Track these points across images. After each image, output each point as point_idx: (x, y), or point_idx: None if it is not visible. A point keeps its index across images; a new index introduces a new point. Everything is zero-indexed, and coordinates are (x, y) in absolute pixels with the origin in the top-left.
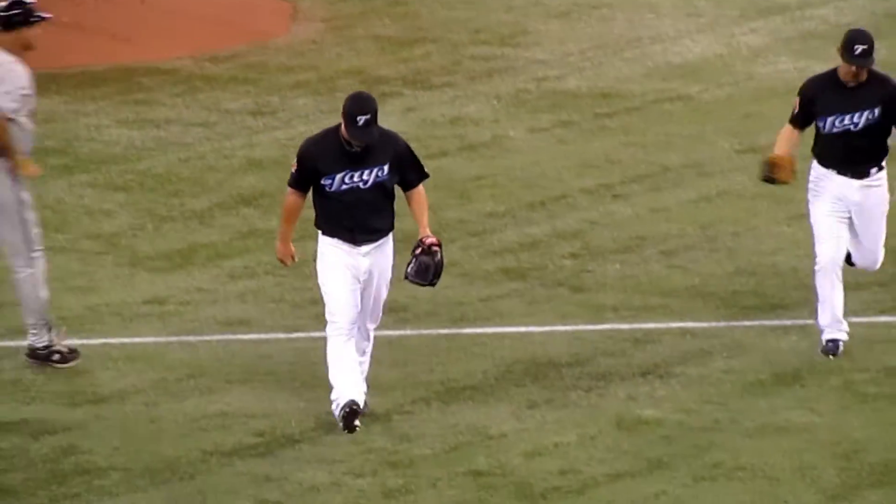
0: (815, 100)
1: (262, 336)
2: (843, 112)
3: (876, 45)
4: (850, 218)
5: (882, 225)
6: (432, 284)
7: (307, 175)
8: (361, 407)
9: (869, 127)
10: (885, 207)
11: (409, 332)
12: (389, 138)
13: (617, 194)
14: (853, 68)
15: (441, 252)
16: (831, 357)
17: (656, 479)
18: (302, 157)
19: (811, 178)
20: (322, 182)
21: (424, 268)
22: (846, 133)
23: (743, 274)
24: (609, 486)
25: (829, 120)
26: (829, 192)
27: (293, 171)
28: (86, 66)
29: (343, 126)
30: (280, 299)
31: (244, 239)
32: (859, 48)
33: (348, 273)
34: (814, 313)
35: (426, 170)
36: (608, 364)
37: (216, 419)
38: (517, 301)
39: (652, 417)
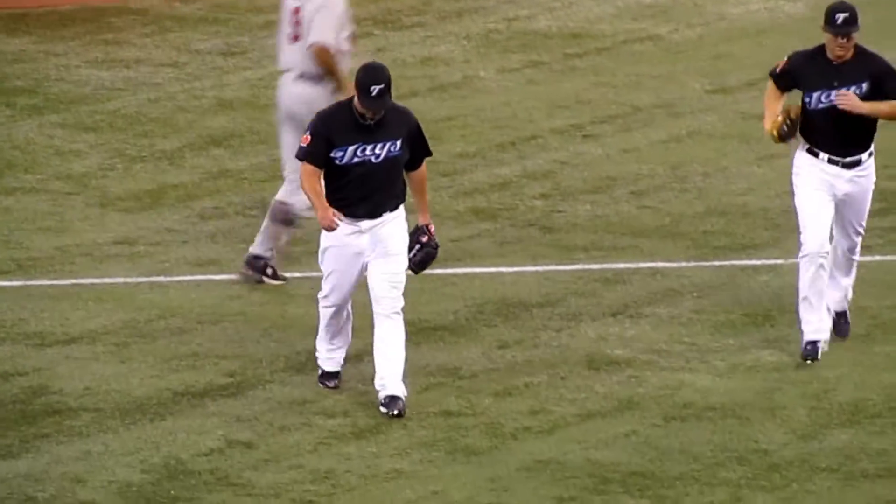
0: (801, 73)
1: (233, 276)
2: (829, 87)
3: (860, 14)
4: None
5: (866, 208)
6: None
7: (320, 148)
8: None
9: None
10: (871, 192)
11: None
12: (403, 114)
13: (587, 134)
14: (839, 39)
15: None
16: (809, 362)
17: (626, 419)
18: (315, 129)
19: (796, 162)
20: (332, 154)
21: (430, 259)
22: (832, 109)
23: (713, 214)
24: (579, 425)
25: (815, 95)
26: (815, 177)
27: (304, 144)
28: (55, 6)
29: (356, 97)
30: (251, 240)
31: (214, 179)
32: (840, 17)
33: (348, 251)
34: (795, 293)
35: (429, 148)
36: (578, 304)
37: (187, 360)
38: (488, 242)
39: (622, 357)
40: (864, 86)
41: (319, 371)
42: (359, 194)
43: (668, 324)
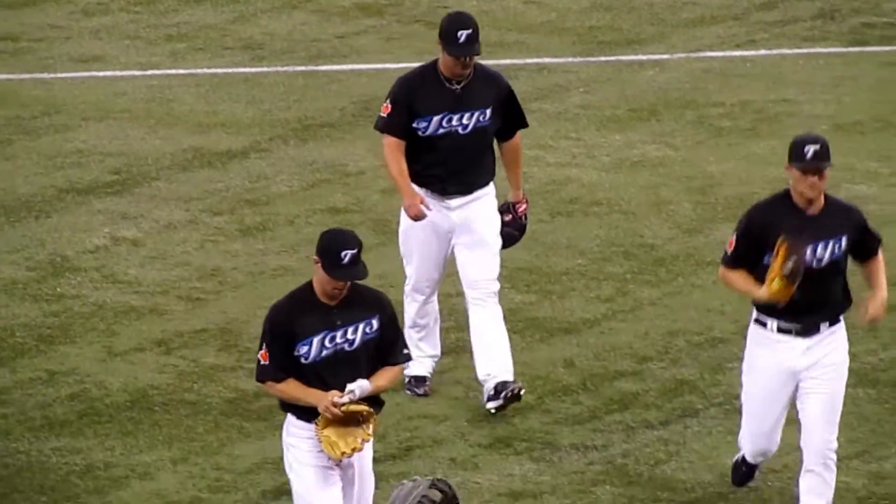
0: (765, 231)
1: (118, 73)
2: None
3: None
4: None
5: (838, 402)
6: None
7: (401, 117)
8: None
9: (834, 262)
10: (842, 380)
11: (265, 68)
12: (493, 79)
13: None
14: (809, 177)
15: (527, 217)
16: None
17: None
18: (395, 97)
19: (749, 334)
20: (415, 125)
21: (512, 239)
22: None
23: (599, 9)
24: None
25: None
26: (767, 363)
27: (383, 113)
28: None
29: (442, 51)
30: (135, 36)
31: None
32: (811, 149)
33: (435, 231)
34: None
35: (526, 119)
36: None
37: (72, 157)
38: (374, 38)
39: None
40: (844, 240)
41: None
42: (446, 169)
43: (555, 119)
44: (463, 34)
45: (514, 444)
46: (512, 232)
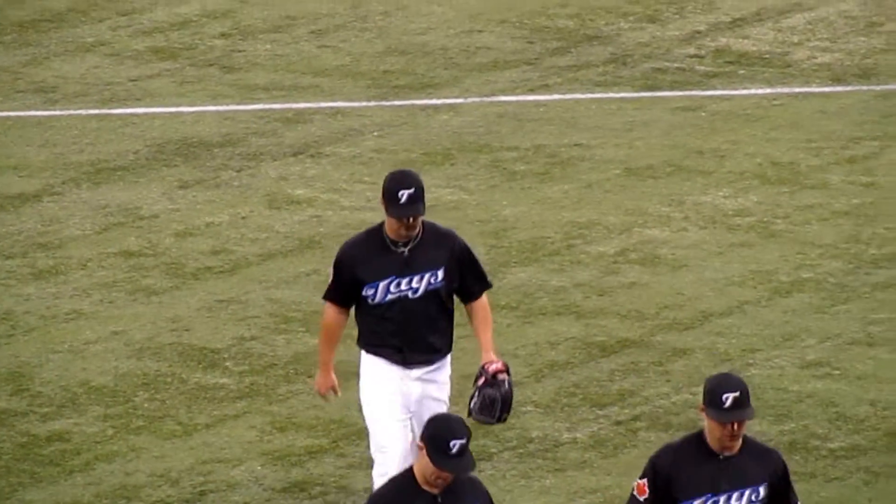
0: (674, 476)
1: None
2: (715, 491)
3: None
4: None
5: None
6: (501, 420)
7: (346, 286)
8: None
9: None
10: None
11: (58, 112)
12: (444, 237)
13: None
14: (727, 427)
15: (509, 379)
16: None
17: (308, 258)
18: (339, 264)
19: None
20: (364, 293)
21: (490, 402)
22: None
23: (393, 53)
24: (261, 265)
25: None
26: None
27: (330, 281)
28: None
29: (385, 211)
30: None
31: None
32: (730, 397)
33: (397, 401)
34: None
35: (489, 278)
36: (259, 144)
37: None
38: (168, 81)
39: (304, 197)
40: (762, 490)
41: None
42: (404, 338)
43: (350, 163)
44: (405, 194)
45: (308, 488)
46: (490, 394)
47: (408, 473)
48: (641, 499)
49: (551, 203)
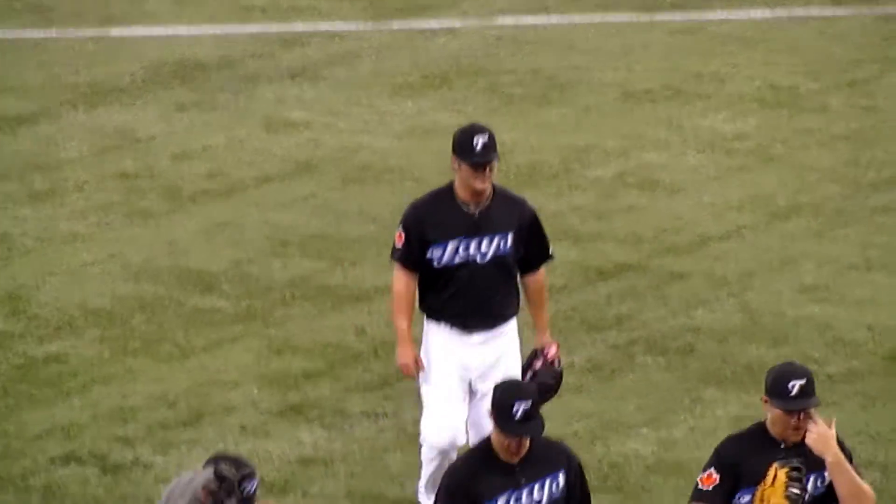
0: (743, 468)
1: None
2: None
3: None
4: None
5: None
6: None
7: (415, 246)
8: None
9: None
10: None
11: (54, 33)
12: (514, 201)
13: None
14: (793, 419)
15: (560, 363)
16: None
17: (305, 181)
18: (407, 223)
19: None
20: (429, 255)
21: (545, 390)
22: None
23: None
24: (257, 188)
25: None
26: None
27: (397, 242)
28: None
29: (457, 164)
30: None
31: None
32: (796, 385)
33: (455, 380)
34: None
35: (551, 250)
36: (256, 66)
37: None
38: (165, 1)
39: (300, 119)
40: (826, 475)
41: None
42: (466, 303)
43: (347, 86)
44: (479, 140)
45: (304, 411)
46: (546, 381)
47: (485, 444)
48: (708, 489)
49: (549, 127)
